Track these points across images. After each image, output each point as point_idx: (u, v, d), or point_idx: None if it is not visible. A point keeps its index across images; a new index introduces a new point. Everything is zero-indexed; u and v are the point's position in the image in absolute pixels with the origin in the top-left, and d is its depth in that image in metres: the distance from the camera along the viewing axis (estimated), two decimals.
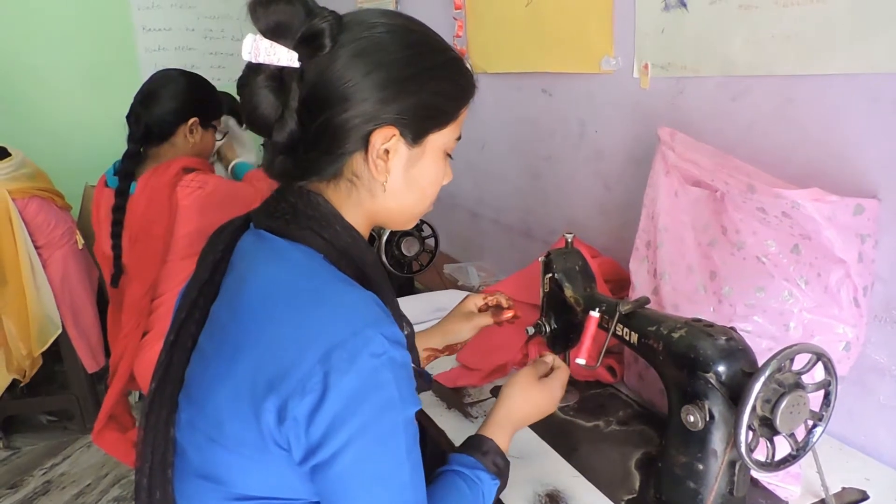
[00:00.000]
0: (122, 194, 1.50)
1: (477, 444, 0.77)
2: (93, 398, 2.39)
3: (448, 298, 1.52)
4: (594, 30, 1.31)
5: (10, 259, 2.09)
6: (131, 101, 1.55)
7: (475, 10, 1.72)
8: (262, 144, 0.70)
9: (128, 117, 1.54)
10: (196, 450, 0.65)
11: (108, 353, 2.38)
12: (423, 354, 0.99)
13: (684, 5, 1.10)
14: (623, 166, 1.35)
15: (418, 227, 1.64)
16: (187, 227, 1.50)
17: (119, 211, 1.49)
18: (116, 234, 1.51)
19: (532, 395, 0.83)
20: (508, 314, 1.03)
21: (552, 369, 0.87)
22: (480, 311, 1.03)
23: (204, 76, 1.66)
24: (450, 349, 1.02)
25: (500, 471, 0.76)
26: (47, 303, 2.18)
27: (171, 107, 1.53)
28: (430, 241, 1.63)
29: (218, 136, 1.68)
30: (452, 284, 1.72)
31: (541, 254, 1.07)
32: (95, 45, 2.82)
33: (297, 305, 0.60)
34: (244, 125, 1.76)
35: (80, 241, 2.33)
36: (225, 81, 3.05)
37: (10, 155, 2.25)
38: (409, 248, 1.61)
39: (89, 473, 2.19)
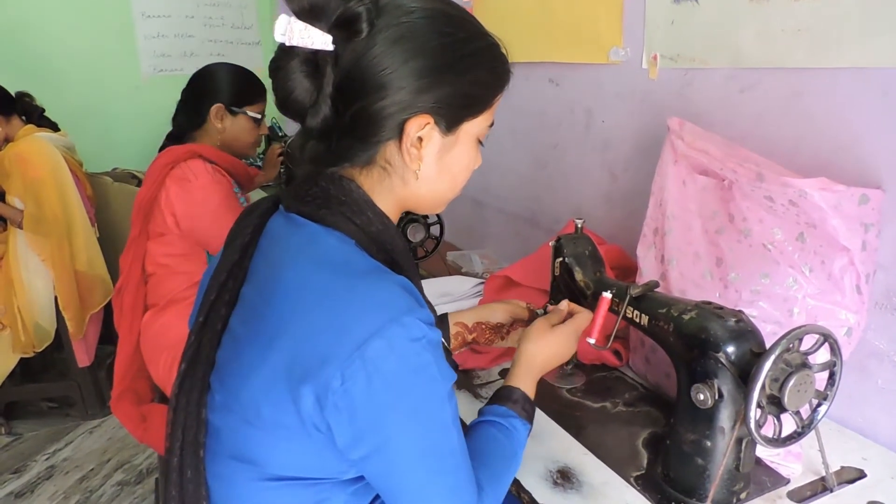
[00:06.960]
0: None
1: (507, 395, 0.81)
2: (94, 385, 2.40)
3: (453, 284, 1.54)
4: (603, 20, 1.33)
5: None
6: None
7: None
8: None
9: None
10: (231, 431, 0.66)
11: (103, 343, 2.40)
12: (452, 330, 1.00)
13: None
14: (630, 156, 1.37)
15: (424, 214, 1.66)
16: (162, 202, 1.54)
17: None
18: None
19: (547, 341, 0.86)
20: None
21: (570, 315, 0.91)
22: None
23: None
24: (479, 330, 1.01)
25: (530, 416, 0.80)
26: (45, 309, 2.19)
27: (194, 96, 1.62)
28: (436, 229, 1.64)
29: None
30: (456, 271, 1.74)
31: (546, 241, 1.09)
32: (94, 32, 2.79)
33: (334, 294, 0.60)
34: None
35: (96, 232, 2.32)
36: None
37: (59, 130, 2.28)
38: (414, 235, 1.62)
39: (92, 458, 2.20)
